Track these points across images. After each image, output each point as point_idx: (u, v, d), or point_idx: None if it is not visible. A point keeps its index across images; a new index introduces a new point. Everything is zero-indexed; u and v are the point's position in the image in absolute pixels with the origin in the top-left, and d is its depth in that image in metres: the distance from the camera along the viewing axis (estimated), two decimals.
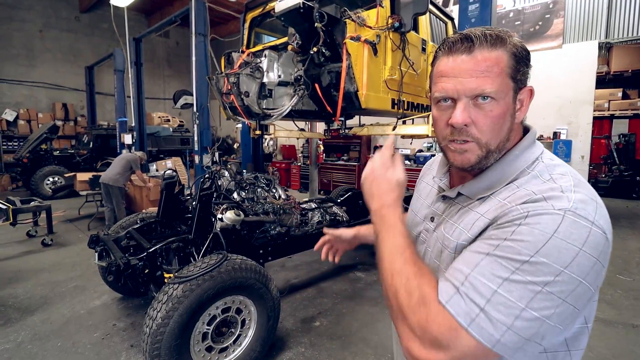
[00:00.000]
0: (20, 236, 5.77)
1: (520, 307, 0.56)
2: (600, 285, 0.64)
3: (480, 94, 0.67)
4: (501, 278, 0.58)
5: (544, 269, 0.56)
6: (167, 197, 3.42)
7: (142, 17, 14.67)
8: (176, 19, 6.93)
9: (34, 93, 12.13)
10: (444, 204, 0.83)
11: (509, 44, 0.68)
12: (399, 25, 3.11)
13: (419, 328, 0.61)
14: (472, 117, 0.68)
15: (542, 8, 7.02)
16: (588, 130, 6.74)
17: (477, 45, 0.67)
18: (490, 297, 0.58)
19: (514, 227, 0.61)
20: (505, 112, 0.68)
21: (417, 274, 0.66)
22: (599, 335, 3.10)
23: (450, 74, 0.69)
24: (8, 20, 11.44)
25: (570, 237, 0.57)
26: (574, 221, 0.58)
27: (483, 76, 0.66)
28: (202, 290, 2.22)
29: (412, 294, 0.63)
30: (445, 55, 0.71)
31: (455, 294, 0.60)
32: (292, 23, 3.09)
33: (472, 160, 0.71)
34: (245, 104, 3.42)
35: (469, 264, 0.63)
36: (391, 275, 0.68)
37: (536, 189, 0.65)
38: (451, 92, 0.69)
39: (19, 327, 3.17)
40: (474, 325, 0.57)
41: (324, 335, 3.07)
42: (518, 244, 0.59)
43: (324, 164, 9.89)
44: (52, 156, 9.85)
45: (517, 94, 0.70)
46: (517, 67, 0.68)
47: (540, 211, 0.60)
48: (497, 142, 0.70)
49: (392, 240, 0.71)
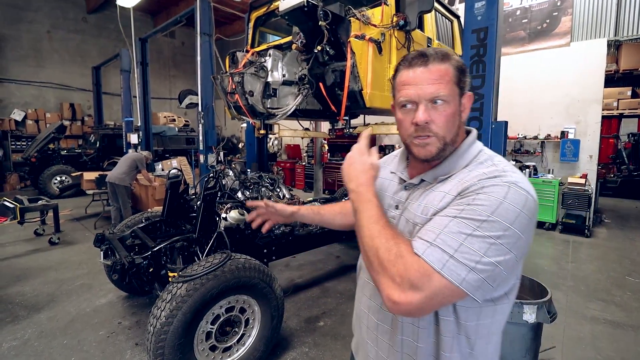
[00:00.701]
0: (28, 234, 5.84)
1: (480, 255, 0.73)
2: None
3: (436, 97, 0.85)
4: (465, 234, 0.74)
5: (497, 225, 0.74)
6: (171, 196, 3.43)
7: (148, 17, 14.75)
8: (181, 19, 6.96)
9: (42, 93, 12.26)
10: (406, 191, 0.99)
11: (453, 60, 0.87)
12: (404, 24, 3.09)
13: (398, 276, 0.74)
14: (431, 116, 0.86)
15: (550, 5, 6.93)
16: (596, 130, 6.63)
17: (431, 60, 0.85)
18: (458, 248, 0.73)
19: (474, 195, 0.79)
20: (455, 111, 0.88)
21: (393, 235, 0.80)
22: (608, 337, 3.06)
23: (412, 83, 0.87)
24: (17, 22, 11.57)
25: (514, 201, 0.76)
26: (516, 191, 0.77)
27: (437, 83, 0.85)
28: (206, 290, 2.22)
29: (390, 250, 0.77)
30: (405, 68, 0.89)
31: (429, 247, 0.75)
32: (296, 22, 3.08)
33: (433, 151, 0.89)
34: (250, 103, 3.42)
35: (440, 225, 0.78)
36: (371, 238, 0.81)
37: (485, 170, 0.84)
38: (413, 97, 0.86)
39: (25, 324, 3.21)
40: (445, 268, 0.72)
41: (328, 335, 3.06)
42: (478, 207, 0.76)
43: (328, 164, 9.87)
44: (59, 155, 9.96)
45: (461, 98, 0.89)
46: (460, 77, 0.87)
47: (492, 183, 0.79)
48: (451, 136, 0.89)
49: (369, 212, 0.85)
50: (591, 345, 2.95)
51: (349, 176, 0.92)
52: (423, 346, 0.89)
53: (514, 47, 7.35)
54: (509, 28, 7.33)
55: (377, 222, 0.82)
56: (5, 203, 4.89)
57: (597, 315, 3.44)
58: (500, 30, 2.97)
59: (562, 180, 6.64)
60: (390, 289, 0.75)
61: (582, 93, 6.68)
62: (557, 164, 7.04)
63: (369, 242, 0.80)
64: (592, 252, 5.33)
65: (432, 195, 0.89)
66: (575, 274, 4.44)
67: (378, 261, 0.77)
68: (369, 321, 1.04)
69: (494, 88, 2.91)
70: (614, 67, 7.78)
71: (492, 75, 2.89)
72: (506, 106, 6.36)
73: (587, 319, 3.36)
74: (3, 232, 6.00)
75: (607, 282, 4.21)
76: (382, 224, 0.82)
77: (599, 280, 4.26)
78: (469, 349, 0.87)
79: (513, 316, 2.11)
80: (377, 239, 0.79)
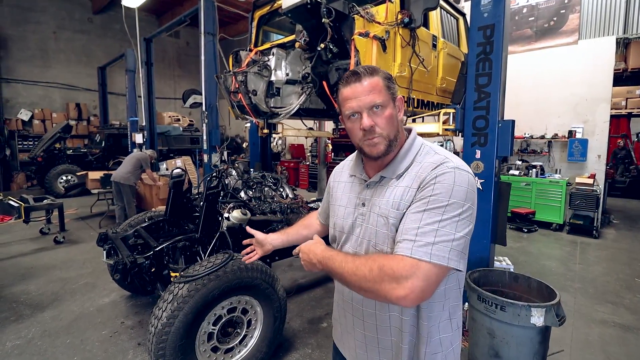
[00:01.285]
0: (34, 233, 5.87)
1: (453, 233, 0.91)
2: None
3: (374, 104, 1.01)
4: (437, 221, 0.91)
5: (456, 205, 0.92)
6: (174, 195, 3.41)
7: (152, 17, 14.81)
8: (186, 19, 6.96)
9: (48, 93, 12.35)
10: (369, 189, 1.13)
11: (380, 72, 1.04)
12: (409, 21, 3.04)
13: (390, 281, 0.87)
14: (374, 120, 1.02)
15: (557, 3, 6.84)
16: (605, 129, 6.53)
17: (362, 76, 1.02)
18: (435, 235, 0.90)
19: (431, 186, 0.95)
20: (392, 113, 1.04)
21: (366, 259, 0.96)
22: (617, 341, 2.99)
23: (352, 97, 1.03)
24: (23, 23, 11.66)
25: (462, 182, 0.95)
26: (460, 173, 0.96)
27: (372, 93, 1.01)
28: (208, 290, 2.20)
29: (372, 269, 0.91)
30: (344, 86, 1.06)
31: (414, 245, 0.90)
32: (299, 19, 3.04)
33: (381, 148, 1.04)
34: (253, 102, 3.39)
35: (415, 221, 0.94)
36: (353, 274, 0.94)
37: (433, 159, 1.03)
38: (356, 108, 1.03)
39: (29, 323, 3.21)
40: (433, 256, 0.88)
41: (331, 337, 3.02)
42: (437, 196, 0.93)
43: (332, 163, 9.83)
44: (65, 155, 10.03)
45: (395, 102, 1.06)
46: (388, 84, 1.05)
47: (442, 171, 0.97)
48: (393, 133, 1.05)
49: (336, 262, 1.00)
50: (600, 349, 2.89)
51: (309, 259, 1.09)
52: (407, 318, 1.04)
53: (520, 46, 7.26)
54: (515, 26, 7.25)
55: (347, 262, 0.97)
56: (10, 202, 4.91)
57: (606, 318, 3.37)
58: (507, 28, 2.92)
59: (570, 181, 6.54)
60: (392, 291, 0.87)
61: (590, 92, 6.58)
62: (564, 164, 6.94)
63: (354, 279, 0.94)
64: (600, 254, 5.24)
65: (396, 190, 1.04)
66: (584, 276, 4.36)
67: (371, 283, 0.90)
68: (354, 309, 1.16)
69: (500, 86, 2.86)
70: (622, 65, 7.65)
71: (498, 73, 2.84)
72: (513, 105, 6.29)
73: (596, 322, 3.29)
74: (9, 231, 6.05)
75: (616, 284, 4.13)
76: (350, 259, 0.97)
77: (607, 282, 4.19)
78: (440, 310, 1.04)
79: (521, 319, 2.07)
80: (357, 270, 0.93)
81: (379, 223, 1.05)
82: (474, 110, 2.97)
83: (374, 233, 1.07)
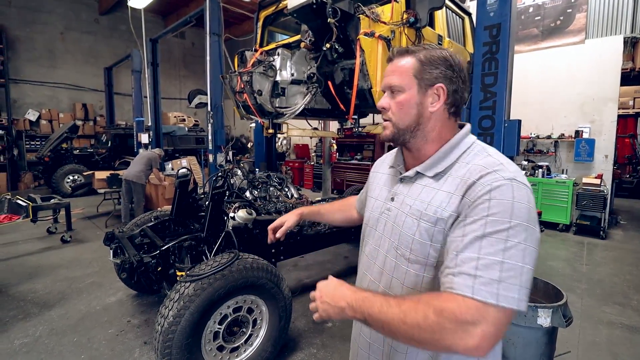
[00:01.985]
0: (41, 233, 5.93)
1: (521, 265, 0.73)
2: None
3: (390, 86, 0.96)
4: (501, 250, 0.74)
5: (519, 228, 0.75)
6: (180, 195, 3.43)
7: (158, 18, 14.90)
8: (191, 20, 6.99)
9: (55, 94, 12.46)
10: (402, 184, 1.02)
11: (419, 54, 0.93)
12: (415, 21, 3.04)
13: (455, 329, 0.70)
14: (390, 103, 0.97)
15: (564, 2, 6.78)
16: (612, 129, 6.46)
17: (395, 56, 0.98)
18: (501, 268, 0.72)
19: (486, 203, 0.78)
20: (408, 100, 0.94)
21: (414, 302, 0.76)
22: (625, 342, 2.97)
23: (385, 74, 1.00)
24: (31, 24, 11.79)
25: (522, 198, 0.78)
26: (519, 187, 0.79)
27: (393, 74, 0.96)
28: (214, 289, 2.21)
29: (427, 316, 0.72)
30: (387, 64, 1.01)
31: (475, 283, 0.72)
32: (305, 19, 3.05)
33: (387, 134, 0.99)
34: (258, 102, 3.40)
35: (474, 249, 0.76)
36: (402, 323, 0.74)
37: (483, 162, 0.86)
38: (382, 86, 1.00)
39: (37, 321, 3.25)
40: (500, 298, 0.71)
41: (336, 337, 3.03)
42: (497, 216, 0.76)
43: (337, 163, 9.84)
44: (72, 155, 10.11)
45: (428, 90, 0.93)
46: (422, 68, 0.92)
47: (496, 183, 0.80)
48: (405, 123, 0.95)
49: (374, 307, 0.79)
50: (607, 350, 2.86)
51: (334, 301, 0.89)
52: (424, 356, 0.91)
53: (527, 45, 7.21)
54: (521, 25, 7.19)
55: (389, 305, 0.77)
56: (18, 201, 4.97)
57: (614, 319, 3.34)
58: (513, 27, 2.90)
59: (577, 181, 6.49)
60: (460, 341, 0.70)
61: (597, 91, 6.52)
62: (571, 164, 6.88)
63: (404, 328, 0.74)
64: (607, 254, 5.19)
65: (435, 194, 0.90)
66: (590, 277, 4.32)
67: (429, 332, 0.72)
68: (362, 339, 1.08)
69: (506, 86, 2.85)
70: (630, 65, 7.55)
71: (504, 72, 2.83)
72: (519, 105, 6.23)
73: (603, 323, 3.26)
74: (16, 230, 6.11)
75: (624, 285, 4.09)
76: (394, 303, 0.77)
77: (615, 283, 4.14)
78: None
79: (527, 320, 2.06)
80: (407, 318, 0.74)
81: (407, 224, 0.94)
82: (480, 110, 2.96)
83: (398, 235, 0.96)
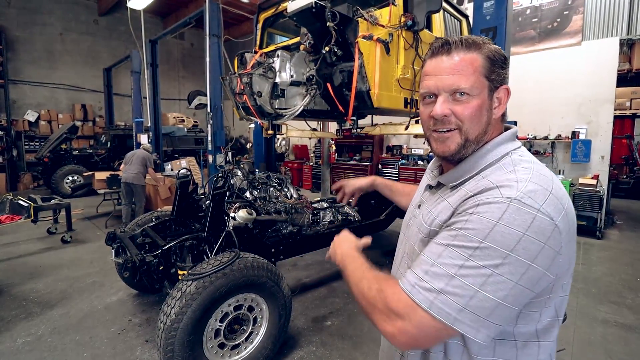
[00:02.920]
0: (41, 233, 5.96)
1: (475, 289, 0.64)
2: (566, 274, 0.74)
3: (456, 89, 0.77)
4: (457, 265, 0.67)
5: (492, 253, 0.64)
6: (181, 195, 3.47)
7: (158, 19, 14.93)
8: (191, 21, 7.03)
9: (54, 94, 12.48)
10: (429, 192, 0.94)
11: (484, 48, 0.78)
12: (412, 24, 3.09)
13: (383, 308, 0.73)
14: (451, 109, 0.78)
15: (561, 4, 6.84)
16: (608, 130, 6.52)
17: (454, 48, 0.78)
18: (449, 282, 0.66)
19: (467, 217, 0.70)
20: (481, 105, 0.78)
21: (375, 276, 0.81)
22: (619, 340, 3.01)
23: (432, 73, 0.80)
24: (30, 25, 11.81)
25: (514, 223, 0.64)
26: (518, 209, 0.65)
27: (459, 74, 0.76)
28: (215, 288, 2.25)
29: (371, 288, 0.77)
30: (429, 58, 0.82)
31: (417, 284, 0.70)
32: (304, 22, 3.09)
33: (452, 148, 0.80)
34: (258, 103, 3.44)
35: (433, 254, 0.72)
36: (355, 284, 0.83)
37: (498, 177, 0.73)
38: (433, 88, 0.80)
39: (39, 321, 3.28)
40: (433, 307, 0.67)
41: (335, 335, 3.07)
42: (469, 232, 0.67)
43: (336, 164, 9.87)
44: (71, 156, 10.13)
45: (494, 92, 0.79)
46: (492, 68, 0.78)
47: (489, 200, 0.68)
48: (476, 132, 0.79)
49: (352, 265, 0.89)
50: (602, 348, 2.91)
51: (334, 252, 1.01)
52: None
53: (524, 47, 7.27)
54: (518, 27, 7.26)
55: (359, 270, 0.86)
56: (20, 202, 4.99)
57: (609, 317, 3.38)
58: (510, 30, 2.95)
59: (573, 181, 6.54)
60: (382, 323, 0.73)
61: (594, 93, 6.58)
62: (567, 165, 6.94)
63: (355, 290, 0.83)
64: (603, 254, 5.24)
65: (441, 205, 0.83)
66: (586, 276, 4.37)
67: (365, 301, 0.78)
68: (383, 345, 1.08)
69: None
70: (626, 66, 7.63)
71: None
72: (516, 106, 6.31)
73: (598, 322, 3.31)
74: (17, 231, 6.13)
75: (619, 284, 4.14)
76: (363, 269, 0.85)
77: (610, 282, 4.20)
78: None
79: None
80: (360, 283, 0.82)
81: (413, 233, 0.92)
82: None
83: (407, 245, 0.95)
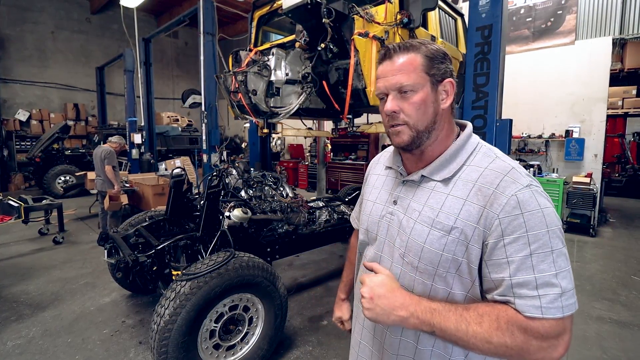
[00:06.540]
0: (33, 234, 5.87)
1: (567, 268, 0.77)
2: None
3: (401, 87, 0.87)
4: (552, 262, 0.75)
5: (553, 234, 0.77)
6: (175, 195, 3.43)
7: (151, 17, 14.79)
8: (185, 19, 6.96)
9: (46, 93, 12.31)
10: (406, 187, 0.98)
11: (422, 49, 0.88)
12: (408, 21, 3.07)
13: (539, 342, 0.74)
14: (399, 106, 0.88)
15: (554, 4, 6.88)
16: (601, 129, 6.57)
17: (395, 53, 0.88)
18: (558, 280, 0.75)
19: (520, 219, 0.77)
20: (424, 98, 0.87)
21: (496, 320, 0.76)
22: (614, 337, 3.03)
23: (381, 76, 0.91)
24: (21, 23, 11.63)
25: (544, 202, 0.79)
26: (537, 191, 0.80)
27: (401, 73, 0.87)
28: (210, 288, 2.22)
29: (514, 335, 0.74)
30: (378, 64, 0.93)
31: (542, 304, 0.74)
32: (299, 19, 3.07)
33: (405, 139, 0.90)
34: (253, 102, 3.41)
35: (527, 269, 0.76)
36: (485, 341, 0.75)
37: (496, 166, 0.85)
38: (383, 88, 0.90)
39: (30, 323, 3.22)
40: (566, 309, 0.74)
41: (332, 335, 3.05)
42: (534, 230, 0.76)
43: (331, 163, 9.86)
44: (63, 155, 10.01)
45: (438, 85, 0.89)
46: (431, 64, 0.87)
47: (520, 195, 0.79)
48: (425, 123, 0.88)
49: (453, 321, 0.77)
50: (597, 344, 2.92)
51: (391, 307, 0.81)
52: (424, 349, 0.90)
53: (518, 46, 7.31)
54: (513, 27, 7.29)
55: (468, 324, 0.76)
56: (10, 202, 4.91)
57: (603, 314, 3.41)
58: (505, 28, 2.95)
59: (567, 180, 6.59)
60: (547, 356, 0.74)
61: (587, 92, 6.63)
62: (561, 163, 6.99)
63: (487, 347, 0.75)
64: (597, 252, 5.29)
65: (447, 200, 0.87)
66: (581, 274, 4.40)
67: (515, 351, 0.74)
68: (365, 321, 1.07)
69: (498, 86, 2.90)
70: (619, 65, 7.71)
71: (496, 73, 2.87)
72: (510, 105, 6.31)
73: (593, 319, 3.33)
74: (8, 231, 6.04)
75: (613, 281, 4.17)
76: (472, 321, 0.76)
77: (604, 279, 4.23)
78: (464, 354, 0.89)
79: None
80: (492, 338, 0.75)
81: (415, 231, 0.90)
82: (472, 110, 3.01)
83: (405, 241, 0.92)
